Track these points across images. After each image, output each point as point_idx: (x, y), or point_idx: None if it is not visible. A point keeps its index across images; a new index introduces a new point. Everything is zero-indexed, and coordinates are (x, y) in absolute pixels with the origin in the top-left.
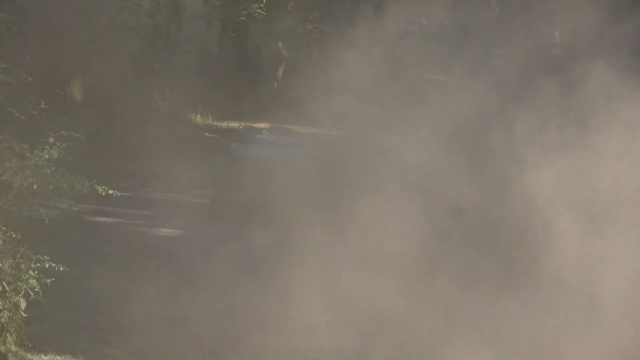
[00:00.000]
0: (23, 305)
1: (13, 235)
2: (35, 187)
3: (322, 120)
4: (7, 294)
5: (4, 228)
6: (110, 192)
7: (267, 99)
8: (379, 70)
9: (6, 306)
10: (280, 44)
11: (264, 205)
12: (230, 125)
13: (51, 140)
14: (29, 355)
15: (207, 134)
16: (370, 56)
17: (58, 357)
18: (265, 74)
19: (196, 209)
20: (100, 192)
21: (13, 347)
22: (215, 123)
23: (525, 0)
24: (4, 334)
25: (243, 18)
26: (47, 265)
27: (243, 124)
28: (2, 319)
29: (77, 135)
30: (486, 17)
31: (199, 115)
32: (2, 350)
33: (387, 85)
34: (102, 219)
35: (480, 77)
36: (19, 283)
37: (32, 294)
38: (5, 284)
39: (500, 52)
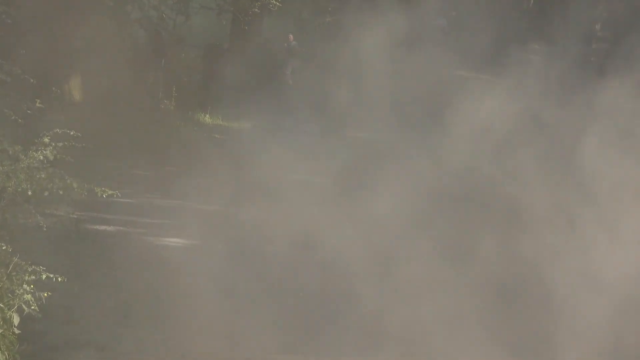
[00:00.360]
0: (16, 321)
1: (4, 247)
2: (29, 192)
3: (340, 120)
4: None
5: None
6: (111, 192)
7: (280, 96)
8: (403, 67)
9: None
10: (291, 37)
11: None
12: (242, 126)
13: (46, 140)
14: None
15: (216, 136)
16: (393, 51)
17: None
18: (280, 69)
19: (205, 217)
20: (99, 194)
21: None
22: (226, 124)
23: None
24: None
25: (256, 10)
26: (43, 276)
27: (255, 124)
28: None
29: (72, 133)
30: (520, 8)
31: (207, 115)
32: None
33: (412, 82)
34: (102, 227)
35: (515, 74)
36: (10, 295)
37: (25, 308)
38: None
39: (537, 47)
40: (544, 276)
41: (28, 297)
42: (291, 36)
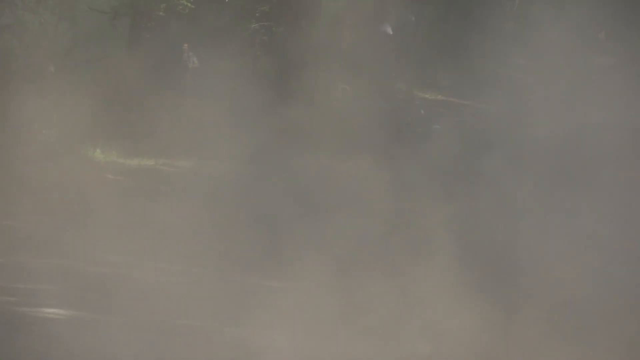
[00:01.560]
0: None
1: None
2: None
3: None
4: None
5: None
6: None
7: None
8: (353, 86)
9: None
10: (186, 46)
11: None
12: (142, 163)
13: None
14: None
15: (110, 176)
16: (338, 68)
17: None
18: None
19: (94, 281)
20: None
21: None
22: (122, 160)
23: None
24: None
25: (162, 13)
26: None
27: (160, 161)
28: None
29: None
30: (502, 11)
31: (99, 150)
32: None
33: (366, 107)
34: None
35: (495, 97)
36: None
37: None
38: None
39: (523, 62)
40: None
41: None
42: (186, 46)
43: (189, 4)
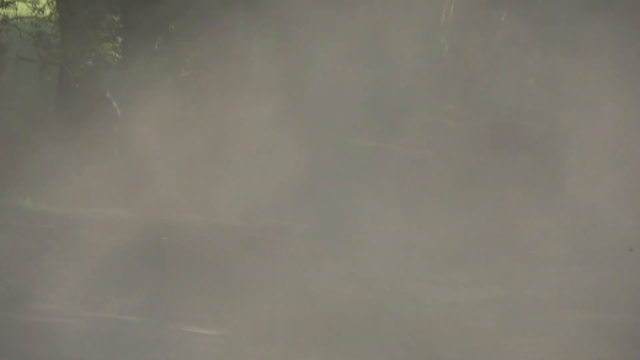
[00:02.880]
0: None
1: None
2: None
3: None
4: None
5: None
6: None
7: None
8: (288, 130)
9: None
10: (108, 94)
11: None
12: (73, 211)
13: None
14: None
15: (41, 225)
16: (272, 111)
17: None
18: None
19: (25, 331)
20: None
21: None
22: (53, 209)
23: (489, 35)
24: None
25: (91, 62)
26: None
27: (91, 209)
28: None
29: None
30: (433, 57)
31: (28, 198)
32: None
33: (303, 154)
34: None
35: (429, 144)
36: None
37: None
38: None
39: (454, 109)
40: None
41: None
42: (108, 93)
43: (118, 55)
